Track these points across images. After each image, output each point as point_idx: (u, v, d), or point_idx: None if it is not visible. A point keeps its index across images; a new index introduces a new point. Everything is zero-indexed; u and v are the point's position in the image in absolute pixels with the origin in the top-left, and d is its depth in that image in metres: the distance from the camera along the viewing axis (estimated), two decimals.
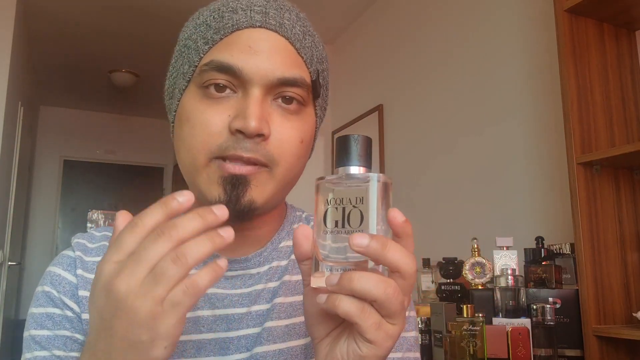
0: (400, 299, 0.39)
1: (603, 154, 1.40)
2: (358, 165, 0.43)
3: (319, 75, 0.61)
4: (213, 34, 0.58)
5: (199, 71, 0.57)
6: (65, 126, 5.67)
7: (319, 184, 0.43)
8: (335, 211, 0.41)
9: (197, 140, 0.56)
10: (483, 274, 1.57)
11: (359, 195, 0.40)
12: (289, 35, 0.58)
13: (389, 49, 3.07)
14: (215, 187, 0.56)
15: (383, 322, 0.40)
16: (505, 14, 2.20)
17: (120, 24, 3.62)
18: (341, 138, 0.43)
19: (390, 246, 0.39)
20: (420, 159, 2.70)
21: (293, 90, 0.57)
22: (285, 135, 0.57)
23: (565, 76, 1.48)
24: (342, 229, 0.41)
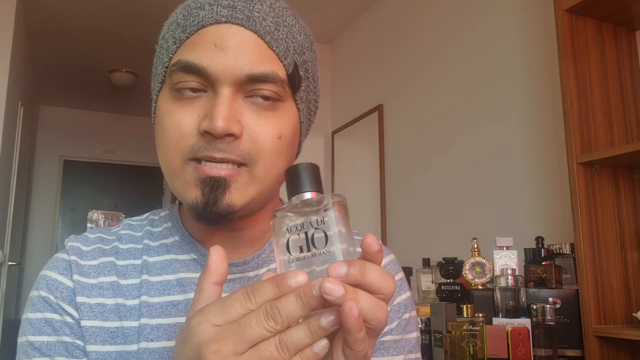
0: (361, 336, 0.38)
1: (603, 153, 1.40)
2: (310, 190, 0.43)
3: (298, 67, 0.58)
4: (181, 32, 0.56)
5: (169, 72, 0.56)
6: (65, 126, 5.67)
7: (274, 218, 0.43)
8: (298, 237, 0.41)
9: (169, 143, 0.55)
10: (483, 274, 1.57)
11: (318, 217, 0.41)
12: (258, 29, 0.55)
13: (389, 49, 3.07)
14: (192, 189, 0.54)
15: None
16: (505, 14, 2.20)
17: (120, 24, 3.62)
18: (290, 169, 0.44)
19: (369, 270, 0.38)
20: (420, 159, 2.70)
21: (265, 87, 0.54)
22: (259, 132, 0.54)
23: (565, 76, 1.48)
24: (308, 253, 0.41)
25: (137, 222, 0.67)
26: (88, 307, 0.58)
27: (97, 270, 0.61)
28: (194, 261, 0.62)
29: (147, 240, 0.64)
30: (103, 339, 0.57)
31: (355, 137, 3.35)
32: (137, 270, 0.61)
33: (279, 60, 0.56)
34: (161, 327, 0.58)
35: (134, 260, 0.62)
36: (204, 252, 0.61)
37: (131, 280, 0.61)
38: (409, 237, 2.73)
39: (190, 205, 0.54)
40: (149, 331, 0.58)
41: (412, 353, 0.63)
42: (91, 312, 0.58)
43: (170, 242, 0.63)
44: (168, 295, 0.60)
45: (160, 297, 0.59)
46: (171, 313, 0.59)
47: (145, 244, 0.63)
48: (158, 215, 0.68)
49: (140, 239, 0.64)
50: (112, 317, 0.58)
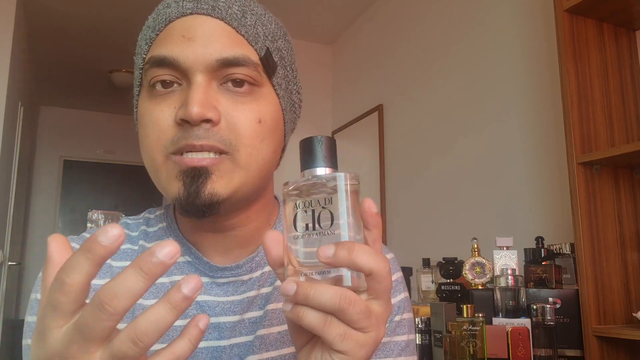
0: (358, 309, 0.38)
1: (603, 153, 1.40)
2: (324, 166, 0.41)
3: (271, 53, 0.57)
4: (151, 32, 0.57)
5: (144, 72, 0.56)
6: (65, 126, 5.67)
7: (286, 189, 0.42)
8: (305, 214, 0.40)
9: (150, 140, 0.55)
10: (483, 274, 1.57)
11: (327, 196, 0.39)
12: (224, 16, 0.55)
13: (389, 49, 3.07)
14: (174, 182, 0.54)
15: (350, 332, 0.38)
16: (505, 14, 2.20)
17: (120, 24, 3.62)
18: (305, 140, 0.42)
19: (357, 251, 0.37)
20: (420, 159, 2.70)
21: (238, 70, 0.54)
22: (237, 117, 0.54)
23: (565, 76, 1.48)
24: (312, 232, 0.39)
25: (133, 221, 0.67)
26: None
27: None
28: (188, 264, 0.61)
29: (143, 241, 0.64)
30: None
31: (355, 137, 3.35)
32: None
33: (249, 44, 0.56)
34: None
35: (129, 262, 0.61)
36: (198, 255, 0.60)
37: None
38: (409, 237, 2.73)
39: (174, 199, 0.54)
40: None
41: (400, 356, 0.61)
42: None
43: None
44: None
45: (153, 300, 0.59)
46: None
47: (140, 245, 0.63)
48: (154, 214, 0.67)
49: (136, 239, 0.64)
50: None
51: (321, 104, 3.69)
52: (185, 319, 0.58)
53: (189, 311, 0.58)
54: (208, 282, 0.60)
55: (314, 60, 3.73)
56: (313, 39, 3.72)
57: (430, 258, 1.96)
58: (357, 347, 0.39)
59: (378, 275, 0.38)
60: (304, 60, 3.65)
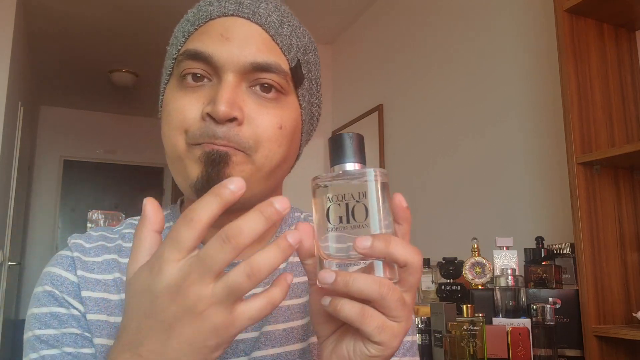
0: (396, 296, 0.39)
1: (603, 154, 1.40)
2: (354, 161, 0.43)
3: (301, 65, 0.60)
4: (189, 26, 0.59)
5: (177, 62, 0.58)
6: (65, 126, 5.67)
7: (317, 183, 0.43)
8: (338, 207, 0.41)
9: (173, 127, 0.56)
10: (483, 274, 1.57)
11: (360, 190, 0.41)
12: (263, 23, 0.57)
13: (389, 49, 3.07)
14: (196, 165, 0.55)
15: (387, 323, 0.40)
16: (505, 14, 2.20)
17: (120, 24, 3.62)
18: (334, 137, 0.44)
19: (393, 243, 0.39)
20: (420, 159, 2.70)
21: (268, 76, 0.56)
22: (260, 120, 0.55)
23: (565, 76, 1.49)
24: (347, 224, 0.41)
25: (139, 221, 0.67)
26: (93, 301, 0.58)
27: (101, 267, 0.61)
28: None
29: None
30: (108, 333, 0.57)
31: None
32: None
33: (282, 53, 0.58)
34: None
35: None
36: None
37: None
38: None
39: (194, 183, 0.55)
40: None
41: (405, 357, 0.62)
42: (96, 306, 0.58)
43: None
44: None
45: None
46: None
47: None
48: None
49: None
50: (116, 313, 0.58)
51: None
52: None
53: None
54: None
55: None
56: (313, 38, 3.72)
57: (430, 258, 1.95)
58: (392, 338, 0.40)
59: (412, 267, 0.40)
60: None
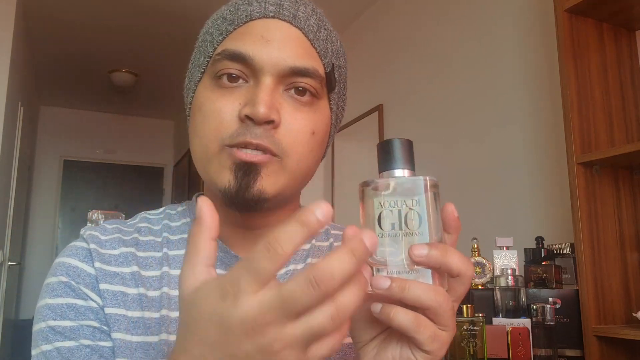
0: (450, 305, 0.40)
1: (603, 154, 1.40)
2: (403, 167, 0.43)
3: (334, 69, 0.61)
4: (227, 25, 0.58)
5: (212, 61, 0.58)
6: (65, 126, 5.67)
7: (365, 188, 0.42)
8: (390, 214, 0.41)
9: (208, 129, 0.56)
10: (483, 274, 1.57)
11: (413, 198, 0.41)
12: (303, 27, 0.58)
13: (389, 49, 3.07)
14: (226, 173, 0.55)
15: (438, 332, 0.40)
16: (505, 14, 2.20)
17: (120, 24, 3.62)
18: (384, 142, 0.44)
19: (450, 252, 0.39)
20: (420, 159, 2.69)
21: (305, 80, 0.56)
22: (295, 124, 0.56)
23: (565, 76, 1.48)
24: (399, 231, 0.41)
25: (154, 216, 0.67)
26: (112, 294, 0.58)
27: (119, 260, 0.60)
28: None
29: (167, 233, 0.64)
30: (126, 328, 0.57)
31: (355, 137, 3.35)
32: (157, 262, 0.61)
33: (319, 58, 0.59)
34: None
35: (155, 252, 0.62)
36: (225, 248, 0.61)
37: (152, 272, 0.61)
38: None
39: (223, 190, 0.55)
40: (169, 323, 0.58)
41: None
42: (115, 300, 0.58)
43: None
44: None
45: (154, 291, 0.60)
46: None
47: (164, 237, 0.64)
48: (175, 210, 0.68)
49: (159, 232, 0.64)
50: (134, 307, 0.58)
51: None
52: None
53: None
54: None
55: None
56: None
57: None
58: (441, 347, 0.40)
59: (464, 277, 0.40)
60: None
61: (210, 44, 0.59)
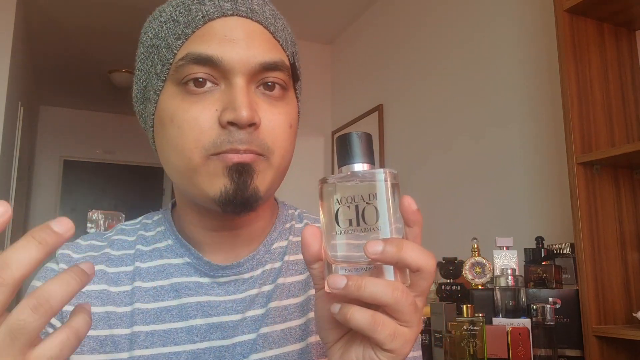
0: (410, 301, 0.38)
1: (603, 153, 1.40)
2: (362, 162, 0.42)
3: (295, 58, 0.60)
4: (184, 28, 0.55)
5: (175, 67, 0.54)
6: (65, 126, 5.67)
7: (324, 185, 0.42)
8: (348, 209, 0.40)
9: (188, 140, 0.53)
10: (483, 274, 1.57)
11: (371, 192, 0.40)
12: (262, 20, 0.56)
13: (389, 49, 3.07)
14: (219, 179, 0.53)
15: (399, 329, 0.39)
16: (505, 14, 2.20)
17: (120, 24, 3.62)
18: (342, 136, 0.43)
19: (406, 247, 0.38)
20: (420, 159, 2.70)
21: (274, 74, 0.55)
22: (274, 121, 0.55)
23: (565, 76, 1.48)
24: (357, 227, 0.40)
25: (130, 227, 0.66)
26: None
27: None
28: (187, 265, 0.61)
29: (140, 245, 0.63)
30: (91, 348, 0.57)
31: None
32: (128, 277, 0.61)
33: (282, 49, 0.58)
34: (155, 333, 0.57)
35: (126, 267, 0.61)
36: (197, 255, 0.60)
37: (122, 288, 0.60)
38: None
39: (218, 195, 0.53)
40: (143, 338, 0.57)
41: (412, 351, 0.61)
42: None
43: (163, 246, 0.63)
44: (162, 301, 0.59)
45: (154, 304, 0.59)
46: (165, 319, 0.58)
47: (137, 249, 0.63)
48: (151, 219, 0.67)
49: (133, 244, 0.64)
50: (101, 326, 0.57)
51: (320, 104, 3.68)
52: (186, 320, 0.58)
53: (189, 312, 0.58)
54: (209, 282, 0.60)
55: (313, 60, 3.72)
56: (312, 38, 3.72)
57: None
58: (404, 345, 0.39)
59: (425, 272, 0.39)
60: (302, 60, 3.64)
61: (167, 49, 0.56)
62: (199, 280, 0.60)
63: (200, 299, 0.59)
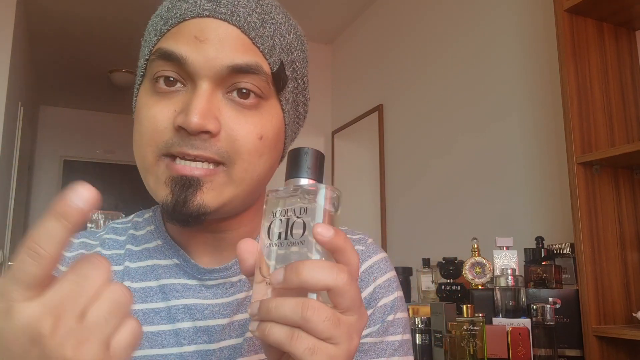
0: (323, 317, 0.36)
1: (603, 153, 1.40)
2: (307, 177, 0.41)
3: (285, 67, 0.56)
4: (162, 25, 0.55)
5: (149, 62, 0.54)
6: (65, 126, 5.67)
7: (267, 196, 0.42)
8: (280, 223, 0.40)
9: (144, 138, 0.53)
10: (483, 274, 1.57)
11: (304, 206, 0.39)
12: (242, 24, 0.53)
13: (389, 49, 3.07)
14: (163, 187, 0.52)
15: (320, 345, 0.36)
16: (505, 14, 2.20)
17: (120, 24, 3.62)
18: (292, 151, 0.43)
19: (307, 270, 0.35)
20: (420, 159, 2.70)
21: (247, 79, 0.52)
22: (238, 131, 0.52)
23: (565, 76, 1.48)
24: (284, 241, 0.39)
25: (121, 225, 0.66)
26: None
27: None
28: (176, 266, 0.60)
29: (130, 245, 0.63)
30: None
31: (355, 137, 3.35)
32: (118, 277, 0.60)
33: (263, 57, 0.54)
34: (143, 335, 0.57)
35: (116, 266, 0.61)
36: (185, 257, 0.60)
37: None
38: (409, 237, 2.73)
39: (161, 204, 0.53)
40: None
41: (394, 356, 0.60)
42: None
43: (152, 247, 0.62)
44: (150, 302, 0.59)
45: (141, 305, 0.59)
46: (153, 320, 0.58)
47: (127, 249, 0.62)
48: (142, 217, 0.67)
49: (124, 243, 0.63)
50: None
51: (320, 104, 3.68)
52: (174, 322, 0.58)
53: (177, 314, 0.58)
54: (197, 285, 0.60)
55: (313, 59, 3.66)
56: (312, 38, 3.72)
57: (430, 258, 1.96)
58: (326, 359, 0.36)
59: (336, 289, 0.36)
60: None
61: (147, 44, 0.56)
62: (187, 282, 0.60)
63: (188, 301, 0.59)
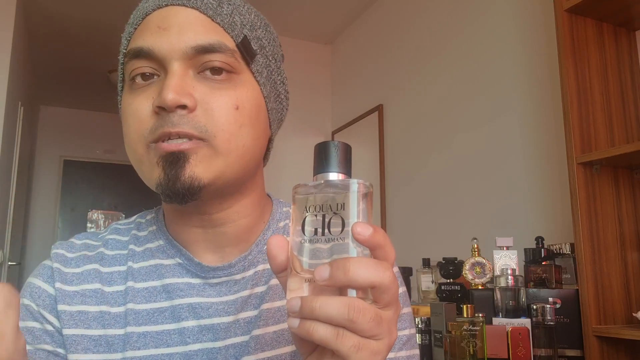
0: (369, 317, 0.36)
1: (603, 153, 1.40)
2: (337, 171, 0.41)
3: (249, 41, 0.57)
4: (130, 28, 0.58)
5: (124, 66, 0.57)
6: (65, 126, 5.67)
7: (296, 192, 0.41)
8: (315, 219, 0.39)
9: (131, 132, 0.55)
10: (483, 274, 1.57)
11: (339, 202, 0.38)
12: (199, 6, 0.55)
13: (388, 49, 3.07)
14: (155, 169, 0.54)
15: (364, 342, 0.37)
16: (505, 14, 2.20)
17: (120, 24, 3.62)
18: (320, 145, 0.42)
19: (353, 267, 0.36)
20: (420, 159, 2.70)
21: (215, 57, 0.54)
22: (213, 103, 0.54)
23: (565, 76, 1.48)
24: (321, 237, 0.38)
25: (124, 226, 0.66)
26: (69, 315, 0.58)
27: (80, 278, 0.60)
28: (179, 265, 0.61)
29: (133, 245, 0.63)
30: (85, 348, 0.57)
31: (355, 137, 3.35)
32: (122, 277, 0.61)
33: (225, 32, 0.56)
34: (148, 334, 0.57)
35: (119, 266, 0.61)
36: (188, 256, 0.60)
37: (116, 288, 0.60)
38: (409, 237, 2.73)
39: (156, 187, 0.54)
40: (136, 339, 0.57)
41: (402, 351, 0.60)
42: (72, 320, 0.57)
43: (155, 247, 0.63)
44: (154, 302, 0.59)
45: (146, 304, 0.59)
46: (158, 320, 0.58)
47: (130, 249, 0.63)
48: (145, 218, 0.67)
49: (126, 244, 0.64)
50: (95, 325, 0.58)
51: (320, 104, 3.68)
52: (178, 321, 0.58)
53: (181, 313, 0.58)
54: (200, 284, 0.60)
55: (313, 60, 3.72)
56: (312, 38, 3.72)
57: (430, 258, 1.95)
58: (371, 356, 0.37)
59: (381, 287, 0.37)
60: (302, 60, 3.65)
61: (121, 52, 0.59)
62: (190, 281, 0.60)
63: (192, 300, 0.59)
